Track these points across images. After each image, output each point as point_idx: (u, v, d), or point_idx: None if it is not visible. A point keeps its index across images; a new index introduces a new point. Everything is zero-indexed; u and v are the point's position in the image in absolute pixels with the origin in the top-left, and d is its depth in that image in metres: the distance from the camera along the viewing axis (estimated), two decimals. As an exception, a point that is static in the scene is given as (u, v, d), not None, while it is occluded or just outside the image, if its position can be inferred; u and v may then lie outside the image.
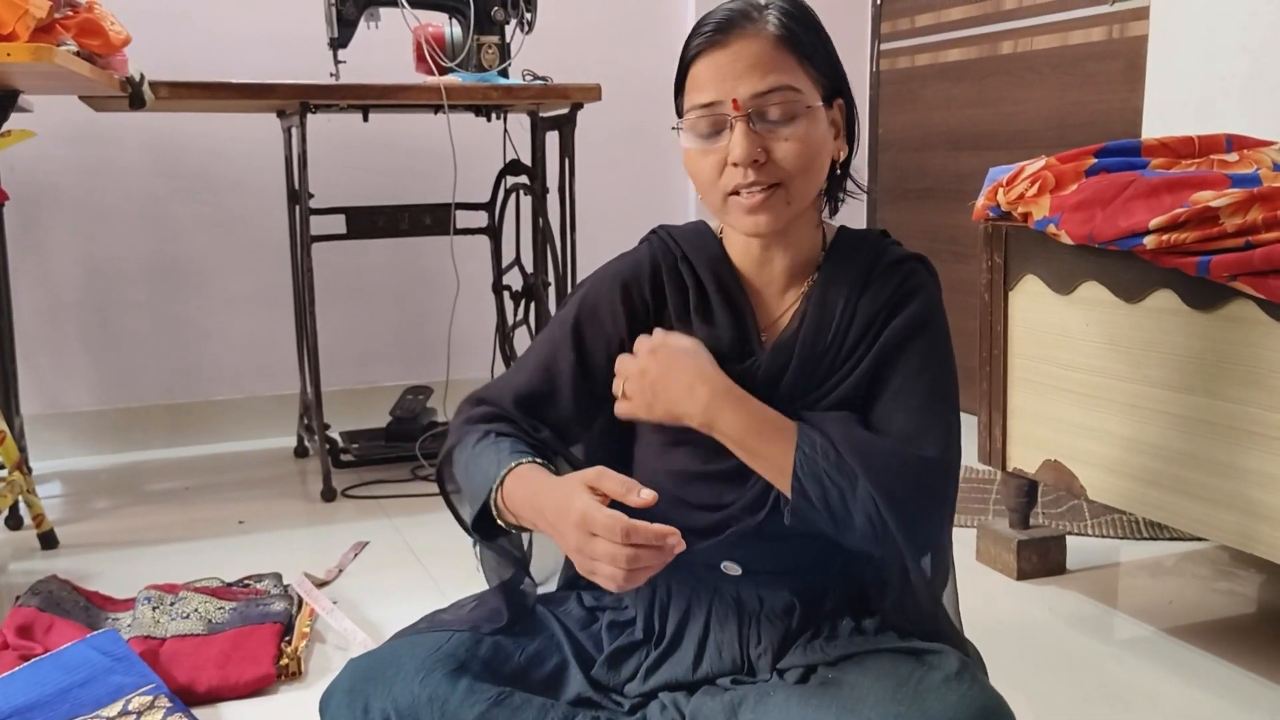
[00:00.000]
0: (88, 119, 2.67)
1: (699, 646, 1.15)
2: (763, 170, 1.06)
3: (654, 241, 1.19)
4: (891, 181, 3.58)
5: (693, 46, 1.09)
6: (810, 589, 1.15)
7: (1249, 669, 1.62)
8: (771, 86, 1.06)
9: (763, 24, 1.07)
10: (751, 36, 1.06)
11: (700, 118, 1.07)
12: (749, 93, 1.05)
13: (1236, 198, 1.45)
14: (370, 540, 2.24)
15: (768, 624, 1.14)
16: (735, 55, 1.06)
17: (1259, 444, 1.50)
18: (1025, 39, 2.97)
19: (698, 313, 1.14)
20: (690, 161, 1.11)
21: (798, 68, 1.08)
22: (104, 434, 2.97)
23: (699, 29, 1.09)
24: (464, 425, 1.15)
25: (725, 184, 1.08)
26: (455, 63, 2.59)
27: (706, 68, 1.07)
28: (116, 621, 1.80)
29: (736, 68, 1.06)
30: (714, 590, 1.17)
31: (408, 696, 1.08)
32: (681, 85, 1.11)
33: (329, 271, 2.91)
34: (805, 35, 1.09)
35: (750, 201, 1.07)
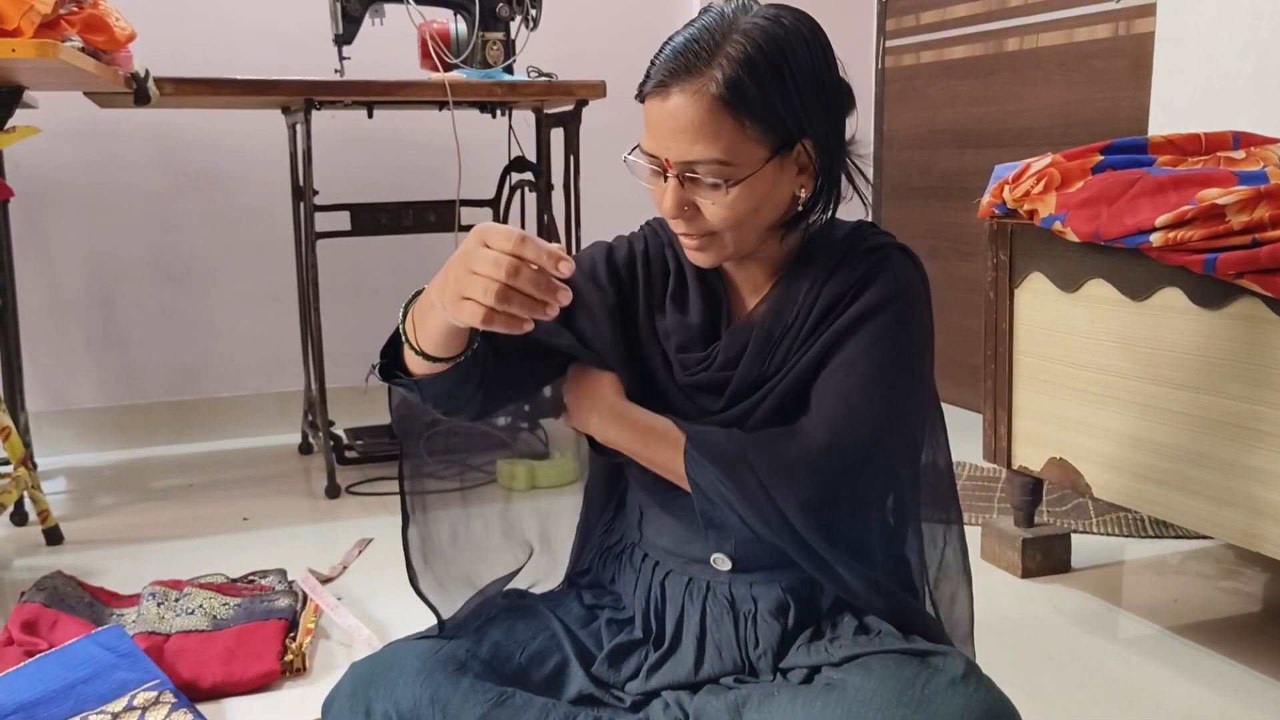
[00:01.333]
0: (92, 115, 2.67)
1: (698, 647, 1.15)
2: (692, 223, 1.06)
3: (646, 229, 1.21)
4: (896, 179, 3.57)
5: (646, 82, 1.05)
6: (803, 586, 1.15)
7: (1254, 668, 1.62)
8: (698, 159, 1.02)
9: (708, 79, 1.00)
10: (691, 94, 1.00)
11: (639, 160, 1.07)
12: (678, 158, 1.03)
13: (1243, 195, 1.45)
14: (374, 537, 2.24)
15: (764, 624, 1.14)
16: (671, 114, 1.01)
17: (1265, 442, 1.49)
18: (1031, 36, 2.97)
19: (673, 298, 1.15)
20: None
21: (736, 132, 1.01)
22: (109, 430, 2.97)
23: (656, 58, 1.05)
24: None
25: (669, 222, 1.09)
26: (460, 59, 2.59)
27: (651, 112, 1.04)
28: (121, 617, 1.80)
29: (670, 128, 1.02)
30: (706, 588, 1.16)
31: (409, 698, 1.08)
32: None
33: (333, 268, 2.91)
34: (756, 89, 1.00)
35: (689, 244, 1.09)
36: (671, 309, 1.14)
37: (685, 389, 1.13)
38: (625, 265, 1.18)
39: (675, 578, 1.18)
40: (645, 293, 1.16)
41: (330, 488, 2.52)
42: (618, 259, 1.18)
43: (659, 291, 1.16)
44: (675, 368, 1.14)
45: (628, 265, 1.18)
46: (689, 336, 1.13)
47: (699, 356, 1.12)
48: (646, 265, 1.17)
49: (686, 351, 1.13)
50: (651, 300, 1.16)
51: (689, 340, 1.13)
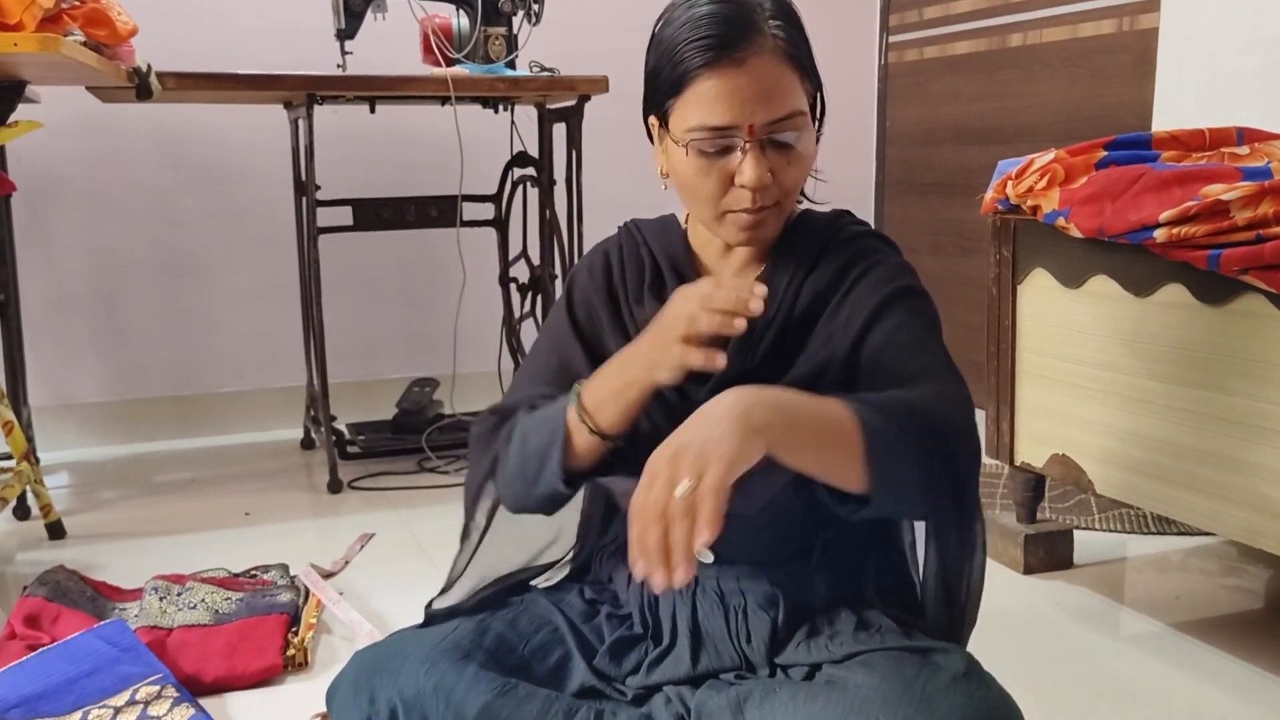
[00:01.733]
0: (94, 110, 2.67)
1: (693, 643, 1.15)
2: (767, 193, 1.06)
3: (621, 230, 1.22)
4: (899, 175, 3.57)
5: (696, 57, 1.03)
6: (792, 580, 1.15)
7: (1257, 664, 1.62)
8: (786, 113, 1.04)
9: (767, 33, 1.04)
10: (763, 53, 1.03)
11: (707, 139, 1.05)
12: (766, 119, 1.04)
13: (1247, 191, 1.44)
14: (376, 532, 2.24)
15: (754, 617, 1.14)
16: (753, 78, 1.03)
17: (1269, 439, 1.49)
18: (1034, 31, 2.96)
19: (651, 290, 1.15)
20: (687, 175, 1.08)
21: (798, 84, 1.06)
22: (111, 425, 2.97)
23: (699, 37, 1.03)
24: (492, 433, 1.12)
25: (728, 203, 1.08)
26: (462, 54, 2.58)
27: (720, 87, 1.03)
28: (123, 612, 1.80)
29: (755, 91, 1.03)
30: (695, 583, 1.17)
31: (413, 687, 1.09)
32: (676, 91, 1.06)
33: (335, 263, 2.91)
34: (801, 40, 1.07)
35: (751, 219, 1.08)
36: (650, 300, 1.15)
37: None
38: (617, 266, 1.18)
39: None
40: (624, 289, 1.17)
41: (332, 483, 2.52)
42: (603, 273, 1.18)
43: (636, 285, 1.17)
44: None
45: (618, 264, 1.18)
46: None
47: None
48: (622, 263, 1.18)
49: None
50: (629, 295, 1.17)
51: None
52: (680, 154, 1.08)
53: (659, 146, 1.13)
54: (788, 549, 1.16)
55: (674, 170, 1.11)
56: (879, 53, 3.59)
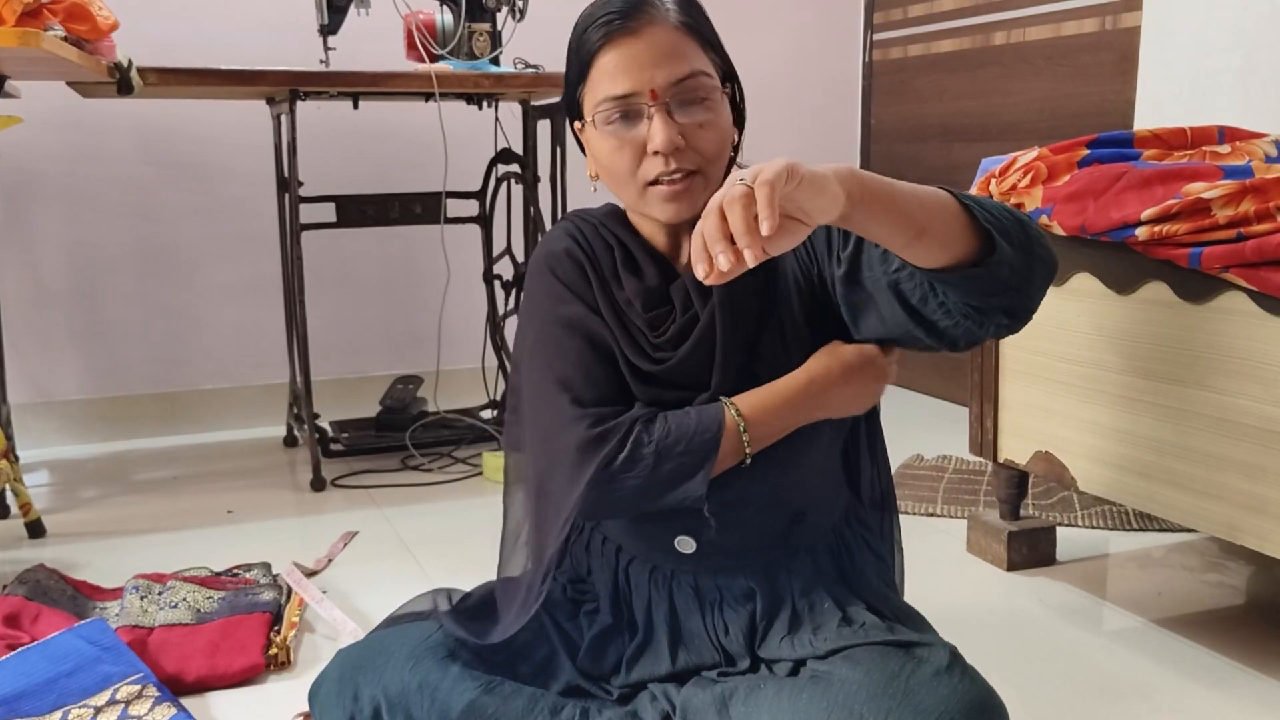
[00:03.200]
0: (75, 105, 2.65)
1: (671, 638, 1.15)
2: (682, 156, 1.07)
3: (571, 218, 1.21)
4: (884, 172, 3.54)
5: (594, 36, 1.08)
6: (768, 573, 1.15)
7: (1237, 660, 1.63)
8: (687, 73, 1.07)
9: (665, 13, 1.08)
10: (659, 23, 1.07)
11: (614, 109, 1.07)
12: (666, 80, 1.06)
13: (1229, 189, 1.45)
14: (360, 530, 2.23)
15: (730, 611, 1.14)
16: (649, 43, 1.06)
17: (1249, 436, 1.50)
18: (1018, 30, 2.97)
19: (625, 267, 1.16)
20: (603, 155, 1.10)
21: (702, 54, 1.09)
22: (92, 423, 2.95)
23: (597, 18, 1.08)
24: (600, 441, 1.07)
25: (645, 174, 1.08)
26: (446, 50, 2.57)
27: (618, 58, 1.07)
28: (104, 611, 1.79)
29: (652, 55, 1.06)
30: (671, 577, 1.17)
31: (398, 684, 1.09)
32: (583, 77, 1.10)
33: (319, 260, 2.90)
34: (703, 21, 1.12)
35: (670, 189, 1.08)
36: (627, 276, 1.15)
37: (660, 347, 1.13)
38: (580, 248, 1.17)
39: (639, 565, 1.18)
40: (598, 270, 1.16)
41: (315, 480, 2.51)
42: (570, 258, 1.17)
43: (610, 264, 1.16)
44: (642, 331, 1.14)
45: (581, 247, 1.17)
46: (651, 297, 1.14)
47: (665, 312, 1.13)
48: (590, 244, 1.18)
49: (653, 309, 1.13)
50: (605, 274, 1.16)
51: (651, 300, 1.14)
52: (596, 137, 1.10)
53: (587, 150, 1.14)
54: (762, 543, 1.16)
55: (595, 159, 1.12)
56: (863, 50, 3.59)
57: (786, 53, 3.52)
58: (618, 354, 1.13)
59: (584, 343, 1.13)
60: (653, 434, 1.06)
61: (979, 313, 0.97)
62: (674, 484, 1.06)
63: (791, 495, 1.16)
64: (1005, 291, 0.95)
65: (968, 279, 0.94)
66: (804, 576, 1.16)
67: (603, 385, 1.11)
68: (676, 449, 1.05)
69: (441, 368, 2.97)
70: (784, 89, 3.51)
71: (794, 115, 3.53)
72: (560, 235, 1.19)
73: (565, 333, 1.13)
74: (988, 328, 0.99)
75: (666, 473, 1.05)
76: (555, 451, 1.09)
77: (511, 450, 1.26)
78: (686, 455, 1.05)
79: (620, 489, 1.06)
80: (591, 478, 1.05)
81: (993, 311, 0.97)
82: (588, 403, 1.09)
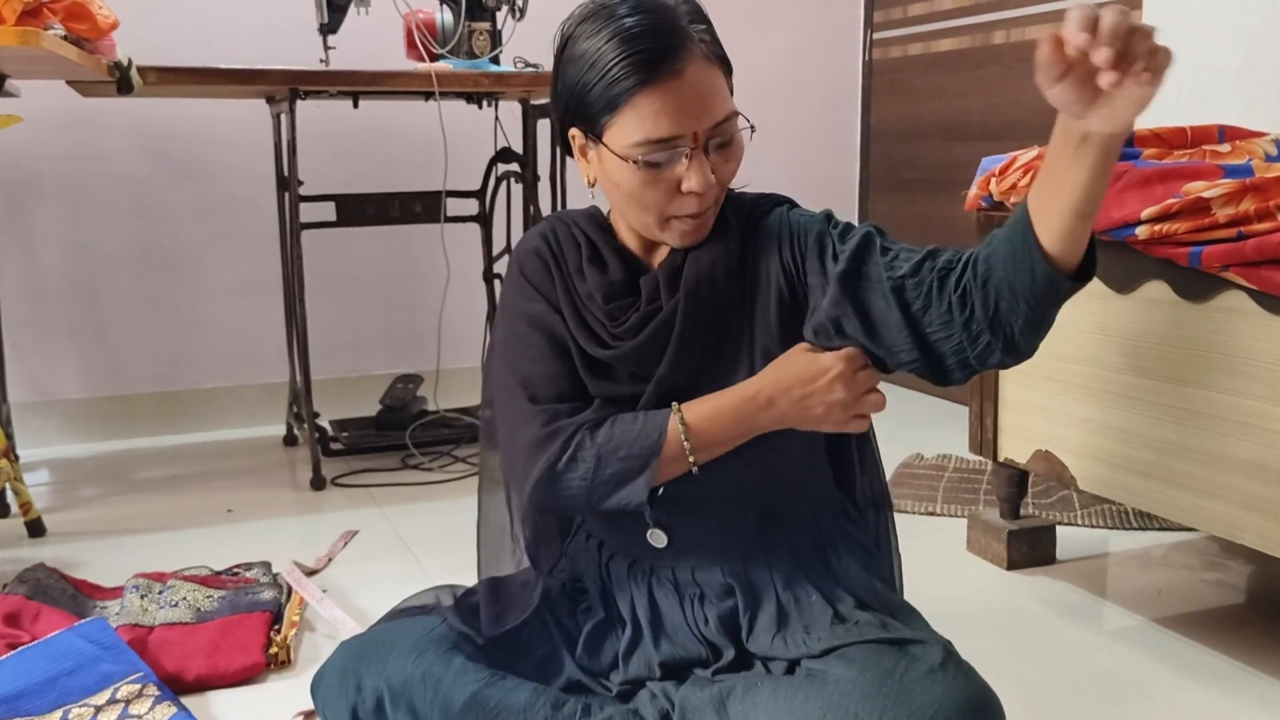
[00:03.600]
0: (75, 104, 2.65)
1: (654, 630, 1.16)
2: (710, 192, 1.08)
3: (551, 218, 1.22)
4: (883, 171, 3.58)
5: (633, 73, 1.03)
6: (746, 568, 1.16)
7: (1237, 659, 1.63)
8: (724, 116, 1.07)
9: (695, 38, 1.06)
10: (696, 60, 1.05)
11: (654, 151, 1.05)
12: (709, 125, 1.06)
13: (1229, 188, 1.45)
14: (360, 529, 2.23)
15: (710, 606, 1.15)
16: (694, 87, 1.05)
17: (1250, 435, 1.50)
18: (1018, 29, 2.97)
19: (590, 262, 1.16)
20: (629, 186, 1.08)
21: (724, 82, 1.09)
22: (92, 422, 2.95)
23: (629, 51, 1.03)
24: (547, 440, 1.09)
25: (673, 210, 1.09)
26: (446, 49, 2.57)
27: (661, 101, 1.03)
28: (104, 610, 1.79)
29: (695, 99, 1.05)
30: (650, 571, 1.17)
31: (401, 675, 1.10)
32: (614, 107, 1.05)
33: (319, 259, 2.90)
34: (716, 36, 1.10)
35: (695, 224, 1.09)
36: (591, 271, 1.15)
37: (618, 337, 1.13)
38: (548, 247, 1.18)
39: (619, 560, 1.19)
40: (564, 265, 1.17)
41: (315, 479, 2.51)
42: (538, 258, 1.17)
43: (575, 260, 1.17)
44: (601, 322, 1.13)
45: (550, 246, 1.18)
46: (613, 290, 1.14)
47: (626, 304, 1.13)
48: (559, 242, 1.18)
49: (614, 301, 1.13)
50: (569, 269, 1.17)
51: (614, 293, 1.14)
52: (621, 167, 1.07)
53: (583, 157, 1.13)
54: (739, 533, 1.16)
55: (614, 182, 1.10)
56: (863, 49, 3.59)
57: (787, 52, 3.52)
58: (572, 347, 1.13)
59: (544, 340, 1.14)
60: (596, 438, 1.07)
61: (992, 327, 0.97)
62: (615, 488, 1.06)
63: (754, 495, 1.16)
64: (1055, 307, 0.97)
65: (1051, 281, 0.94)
66: (785, 572, 1.16)
67: (560, 383, 1.12)
68: (618, 454, 1.06)
69: (441, 367, 2.97)
70: (785, 88, 3.51)
71: (795, 114, 3.53)
72: (533, 235, 1.20)
73: (528, 330, 1.15)
74: (984, 352, 1.00)
75: (608, 476, 1.06)
76: (515, 448, 1.11)
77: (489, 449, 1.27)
78: (627, 460, 1.06)
79: (566, 489, 1.07)
80: (537, 477, 1.07)
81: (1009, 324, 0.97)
82: (542, 400, 1.11)
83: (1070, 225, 0.92)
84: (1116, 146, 0.89)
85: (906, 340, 1.02)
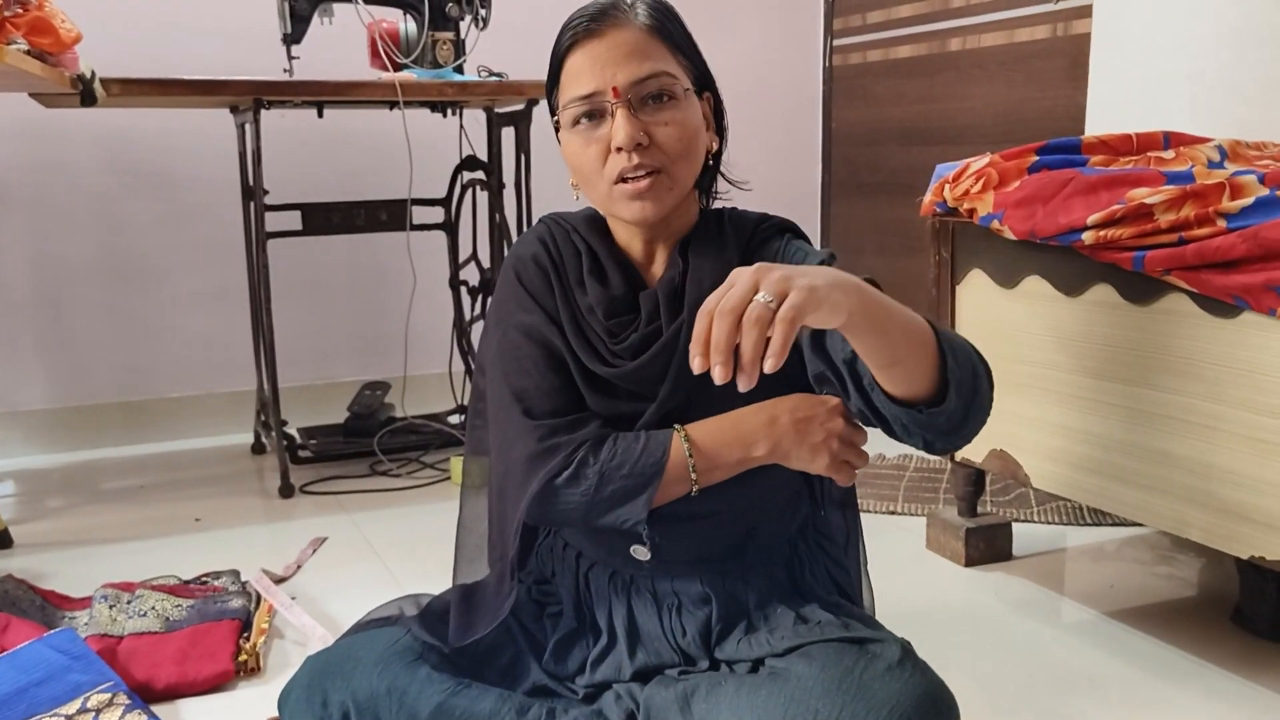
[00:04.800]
0: (38, 116, 2.65)
1: (630, 642, 1.18)
2: (646, 154, 1.10)
3: (547, 221, 1.24)
4: (844, 175, 3.62)
5: (565, 40, 1.12)
6: (726, 581, 1.18)
7: (1186, 650, 1.68)
8: (649, 72, 1.10)
9: (633, 15, 1.11)
10: (625, 26, 1.10)
11: (580, 108, 1.10)
12: (628, 79, 1.09)
13: (1170, 195, 1.50)
14: (329, 536, 2.24)
15: (688, 614, 1.17)
16: (611, 44, 1.10)
17: (1193, 432, 1.55)
18: (973, 36, 3.02)
19: (591, 274, 1.18)
20: (572, 155, 1.13)
21: (670, 56, 1.12)
22: (57, 432, 2.94)
23: (569, 24, 1.12)
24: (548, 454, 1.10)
25: (609, 172, 1.11)
26: (410, 59, 2.59)
27: (583, 59, 1.10)
28: (73, 620, 1.79)
29: (614, 55, 1.09)
30: (629, 582, 1.19)
31: (366, 689, 1.10)
32: (555, 80, 1.14)
33: (285, 268, 2.90)
34: (673, 26, 1.14)
35: (635, 187, 1.10)
36: (592, 283, 1.17)
37: (618, 355, 1.15)
38: (547, 253, 1.19)
39: (599, 570, 1.21)
40: (564, 275, 1.19)
41: (284, 487, 2.51)
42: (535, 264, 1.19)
43: (576, 270, 1.19)
44: (600, 338, 1.16)
45: (549, 252, 1.20)
46: (614, 305, 1.16)
47: (626, 320, 1.15)
48: (558, 249, 1.20)
49: (615, 317, 1.15)
50: (570, 279, 1.18)
51: (614, 308, 1.16)
52: (566, 137, 1.13)
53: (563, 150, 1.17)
54: (722, 549, 1.19)
55: (568, 160, 1.15)
56: (824, 56, 3.64)
57: (749, 58, 3.56)
58: (570, 361, 1.14)
59: (540, 352, 1.15)
60: (599, 456, 1.08)
61: (904, 429, 1.02)
62: (615, 506, 1.08)
63: (744, 512, 1.18)
64: (931, 431, 1.00)
65: (906, 410, 0.99)
66: (759, 590, 1.19)
67: (556, 397, 1.13)
68: (620, 472, 1.07)
69: (409, 373, 2.98)
70: (747, 94, 3.55)
71: (758, 119, 3.57)
72: (531, 240, 1.21)
73: (524, 341, 1.16)
74: (909, 442, 1.05)
75: (609, 494, 1.08)
76: (510, 460, 1.12)
77: (473, 455, 1.28)
78: (630, 479, 1.07)
79: (565, 504, 1.09)
80: (535, 491, 1.08)
81: (913, 437, 1.03)
82: (539, 414, 1.12)
83: (885, 376, 0.98)
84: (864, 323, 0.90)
85: (864, 408, 1.05)
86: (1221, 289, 1.45)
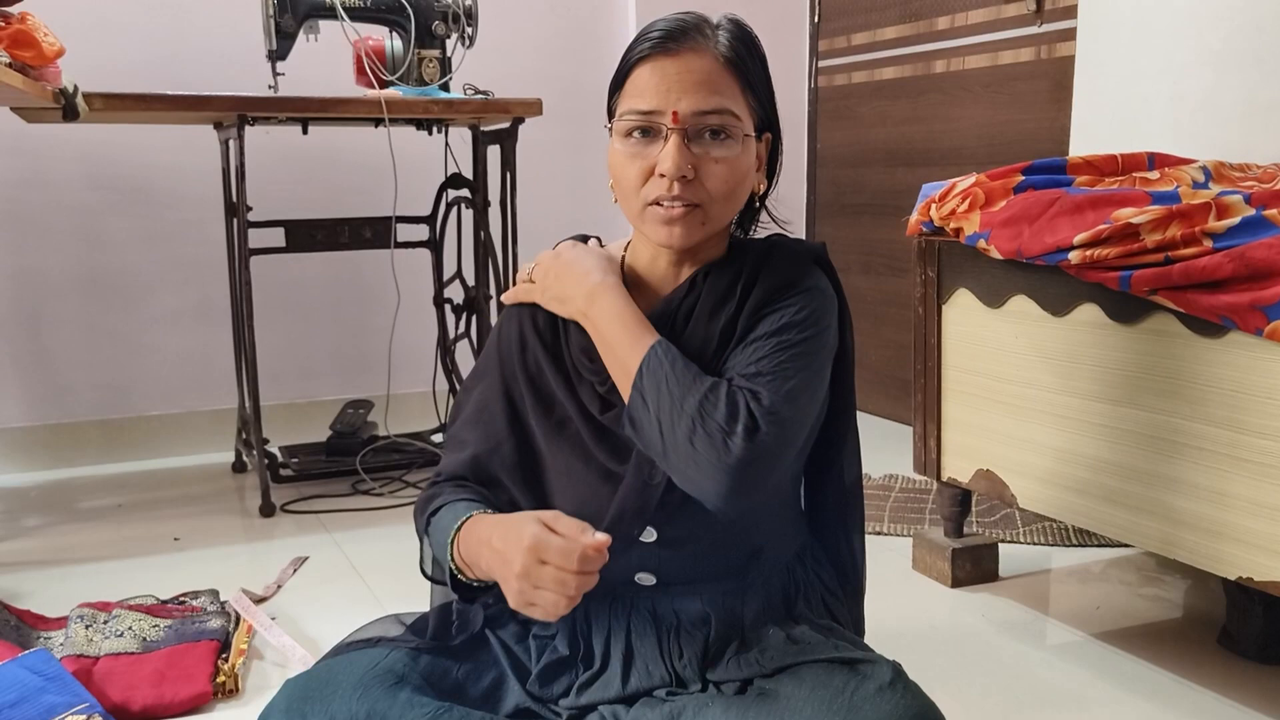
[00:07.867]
0: (20, 130, 2.63)
1: (625, 664, 1.16)
2: (688, 187, 1.08)
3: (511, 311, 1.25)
4: (829, 196, 3.63)
5: (638, 50, 1.09)
6: (725, 599, 1.17)
7: (1172, 671, 1.67)
8: (714, 107, 1.07)
9: (714, 41, 1.09)
10: (702, 51, 1.08)
11: (636, 122, 1.08)
12: (690, 108, 1.06)
13: (1156, 215, 1.50)
14: (310, 555, 2.22)
15: (686, 635, 1.16)
16: (684, 67, 1.07)
17: (1179, 453, 1.55)
18: (957, 58, 3.04)
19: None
20: (616, 165, 1.12)
21: (739, 94, 1.10)
22: (35, 450, 2.91)
23: (647, 33, 1.09)
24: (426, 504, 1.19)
25: (647, 193, 1.09)
26: (396, 76, 2.59)
27: (651, 74, 1.07)
28: (48, 640, 1.77)
29: (683, 79, 1.07)
30: (630, 604, 1.18)
31: (346, 713, 1.08)
32: (620, 85, 1.11)
33: (268, 285, 2.89)
34: (751, 63, 1.11)
35: (669, 213, 1.09)
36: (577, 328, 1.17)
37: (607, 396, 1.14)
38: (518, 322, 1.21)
39: (599, 596, 1.19)
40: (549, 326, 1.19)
41: (265, 506, 2.49)
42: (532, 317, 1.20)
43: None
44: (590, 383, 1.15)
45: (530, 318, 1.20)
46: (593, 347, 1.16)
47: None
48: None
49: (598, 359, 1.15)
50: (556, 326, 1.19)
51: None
52: (615, 145, 1.11)
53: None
54: (723, 569, 1.18)
55: (610, 165, 1.13)
56: (809, 77, 3.66)
57: (734, 79, 3.57)
58: (571, 407, 1.15)
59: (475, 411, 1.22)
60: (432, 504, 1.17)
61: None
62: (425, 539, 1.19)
63: (749, 532, 1.17)
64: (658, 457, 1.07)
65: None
66: (754, 610, 1.18)
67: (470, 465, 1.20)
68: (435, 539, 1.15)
69: (392, 392, 2.96)
70: (731, 114, 3.55)
71: (742, 140, 3.57)
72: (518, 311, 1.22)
73: (477, 398, 1.23)
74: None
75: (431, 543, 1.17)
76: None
77: None
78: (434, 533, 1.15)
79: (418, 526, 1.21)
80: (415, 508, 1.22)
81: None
82: (444, 473, 1.22)
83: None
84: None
85: None
86: (1208, 309, 1.45)
